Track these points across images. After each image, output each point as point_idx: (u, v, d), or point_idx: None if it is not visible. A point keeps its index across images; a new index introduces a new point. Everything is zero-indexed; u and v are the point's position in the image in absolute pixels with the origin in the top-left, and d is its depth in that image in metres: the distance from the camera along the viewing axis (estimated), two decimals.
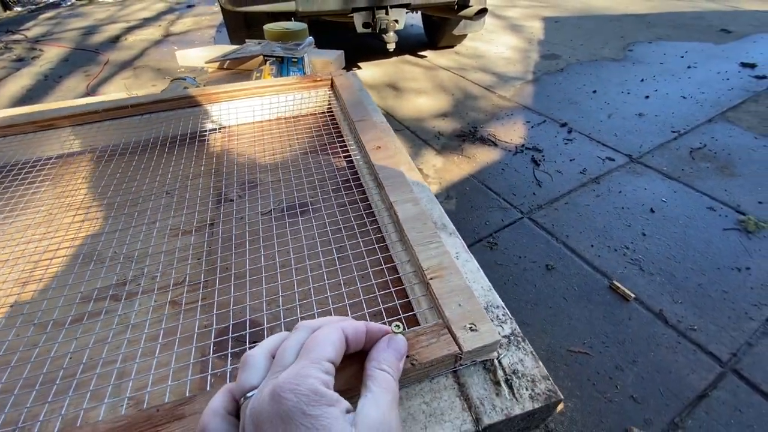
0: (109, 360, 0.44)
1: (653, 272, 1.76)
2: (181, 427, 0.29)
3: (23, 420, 0.39)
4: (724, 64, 3.32)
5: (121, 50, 4.31)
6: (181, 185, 0.70)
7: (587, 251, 1.86)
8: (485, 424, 0.32)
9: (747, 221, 1.95)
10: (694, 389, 1.39)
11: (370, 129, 0.64)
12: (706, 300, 1.64)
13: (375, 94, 3.19)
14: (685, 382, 1.41)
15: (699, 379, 1.42)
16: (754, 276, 1.71)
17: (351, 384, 0.31)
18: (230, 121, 0.81)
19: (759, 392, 1.34)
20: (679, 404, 1.37)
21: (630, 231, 1.96)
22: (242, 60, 1.20)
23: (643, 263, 1.80)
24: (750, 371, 1.41)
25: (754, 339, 1.50)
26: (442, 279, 0.39)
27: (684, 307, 1.61)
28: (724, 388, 1.38)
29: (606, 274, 1.75)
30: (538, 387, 0.34)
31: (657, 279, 1.73)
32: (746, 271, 1.73)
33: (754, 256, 1.79)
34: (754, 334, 1.51)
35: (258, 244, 0.55)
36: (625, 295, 1.66)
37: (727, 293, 1.65)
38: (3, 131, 0.72)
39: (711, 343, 1.50)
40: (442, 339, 0.34)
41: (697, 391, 1.38)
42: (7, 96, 3.57)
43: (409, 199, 0.49)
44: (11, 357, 0.44)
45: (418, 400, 0.34)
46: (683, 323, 1.56)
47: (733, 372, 1.42)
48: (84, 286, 0.53)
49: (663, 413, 1.34)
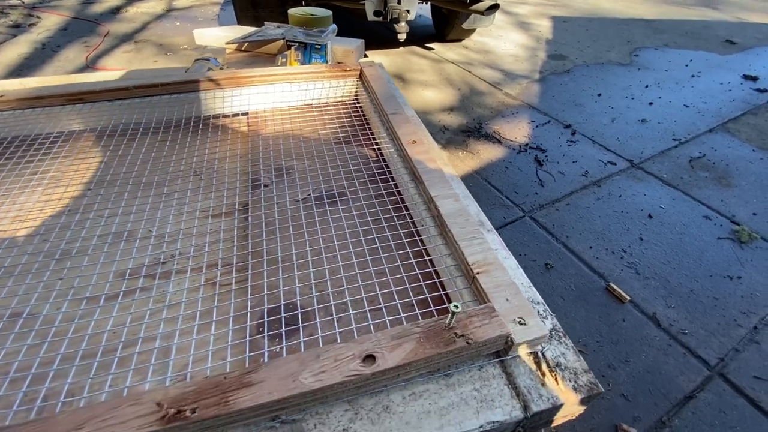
0: (148, 338, 0.45)
1: (649, 276, 1.80)
2: (250, 394, 0.30)
3: (65, 393, 0.40)
4: (728, 75, 3.36)
5: (121, 22, 4.19)
6: (210, 167, 0.70)
7: (586, 252, 1.90)
8: (533, 411, 0.33)
9: (741, 231, 2.00)
10: (682, 390, 1.45)
11: (404, 123, 0.65)
12: (698, 306, 1.69)
13: None
14: (674, 383, 1.46)
15: (687, 381, 1.48)
16: (745, 285, 1.76)
17: (407, 359, 0.32)
18: (259, 105, 0.81)
19: (743, 396, 1.40)
20: (667, 404, 1.42)
21: (628, 235, 2.00)
22: (261, 43, 1.19)
23: (640, 267, 1.84)
24: (736, 376, 1.46)
25: (741, 345, 1.56)
26: (488, 274, 0.40)
27: (676, 312, 1.66)
28: (710, 391, 1.44)
29: (603, 276, 1.79)
30: (581, 379, 0.36)
31: (652, 283, 1.77)
32: (737, 280, 1.79)
33: (746, 266, 1.85)
34: (742, 340, 1.57)
35: (290, 232, 0.56)
36: (621, 297, 1.70)
37: (717, 300, 1.71)
38: (31, 102, 0.70)
39: (700, 348, 1.56)
40: (494, 321, 0.35)
41: (685, 392, 1.44)
42: (3, 63, 3.46)
43: (449, 195, 0.50)
44: (48, 330, 0.45)
45: (469, 387, 0.35)
46: (675, 327, 1.61)
47: (719, 376, 1.47)
48: (117, 264, 0.53)
49: (652, 412, 1.40)
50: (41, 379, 0.40)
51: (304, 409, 0.34)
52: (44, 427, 0.31)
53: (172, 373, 0.41)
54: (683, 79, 3.38)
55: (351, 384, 0.32)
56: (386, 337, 0.34)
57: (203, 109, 0.78)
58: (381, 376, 0.33)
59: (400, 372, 0.33)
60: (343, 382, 0.32)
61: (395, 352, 0.32)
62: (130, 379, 0.41)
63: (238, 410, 0.31)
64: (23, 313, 0.45)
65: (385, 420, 0.34)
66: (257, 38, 1.19)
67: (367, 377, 0.32)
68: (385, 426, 0.33)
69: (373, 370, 0.32)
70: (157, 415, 0.31)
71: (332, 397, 0.34)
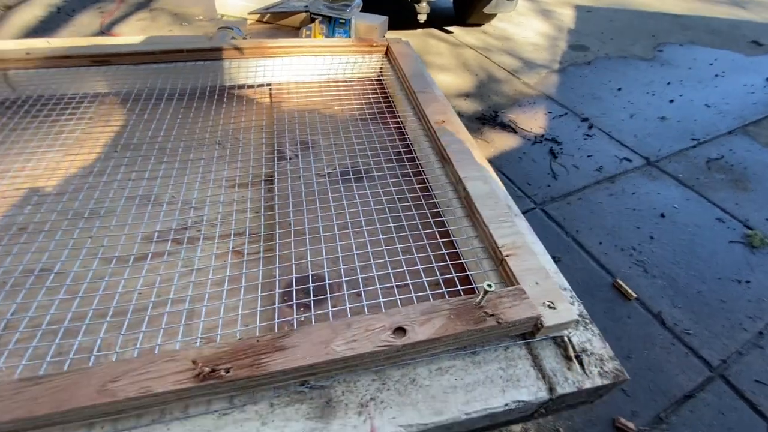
0: (177, 299, 0.45)
1: (656, 275, 1.80)
2: (283, 358, 0.31)
3: (98, 348, 0.40)
4: (752, 77, 3.27)
5: None
6: (233, 137, 0.69)
7: (595, 248, 1.89)
8: (558, 393, 0.34)
9: (753, 236, 1.98)
10: (682, 389, 1.46)
11: (432, 102, 0.64)
12: (704, 307, 1.69)
13: None
14: (674, 382, 1.48)
15: (688, 380, 1.49)
16: (753, 289, 1.75)
17: (436, 334, 0.32)
18: (282, 77, 0.80)
19: (743, 399, 1.41)
20: (666, 401, 1.44)
21: (639, 233, 1.99)
22: (284, 15, 1.17)
23: (648, 265, 1.83)
24: (737, 378, 1.47)
25: (745, 349, 1.56)
26: (517, 257, 0.40)
27: (682, 312, 1.66)
28: (710, 391, 1.45)
29: (611, 272, 1.79)
30: (607, 365, 0.36)
31: (659, 282, 1.77)
32: (746, 284, 1.78)
33: (756, 271, 1.84)
34: (746, 344, 1.57)
35: (316, 205, 0.56)
36: (627, 294, 1.70)
37: (725, 303, 1.70)
38: (57, 62, 0.70)
39: (703, 348, 1.56)
40: (524, 302, 0.35)
41: (685, 391, 1.45)
42: (18, 25, 3.43)
43: (478, 177, 0.50)
44: (79, 287, 0.45)
45: (495, 366, 0.36)
46: (679, 326, 1.61)
47: (720, 377, 1.48)
48: (144, 227, 0.53)
49: (650, 408, 1.41)
50: (73, 333, 0.41)
51: (333, 376, 0.35)
52: (80, 378, 0.32)
53: (202, 334, 0.41)
54: (706, 78, 3.29)
55: (381, 354, 0.33)
56: (416, 312, 0.35)
57: (227, 78, 0.78)
58: (411, 348, 0.33)
59: (429, 346, 0.33)
60: (374, 352, 0.32)
61: (425, 327, 0.33)
62: (161, 338, 0.41)
63: (271, 372, 0.32)
64: (53, 268, 0.46)
65: (412, 392, 0.34)
66: (280, 9, 1.17)
67: (397, 348, 0.32)
68: (412, 398, 0.34)
69: (404, 342, 0.32)
70: (192, 373, 0.32)
71: (361, 366, 0.34)
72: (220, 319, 0.43)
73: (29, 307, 0.42)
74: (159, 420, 0.33)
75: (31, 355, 0.38)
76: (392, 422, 0.32)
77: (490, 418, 0.34)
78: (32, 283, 0.44)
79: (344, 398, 0.34)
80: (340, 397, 0.34)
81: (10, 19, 3.66)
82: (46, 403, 0.29)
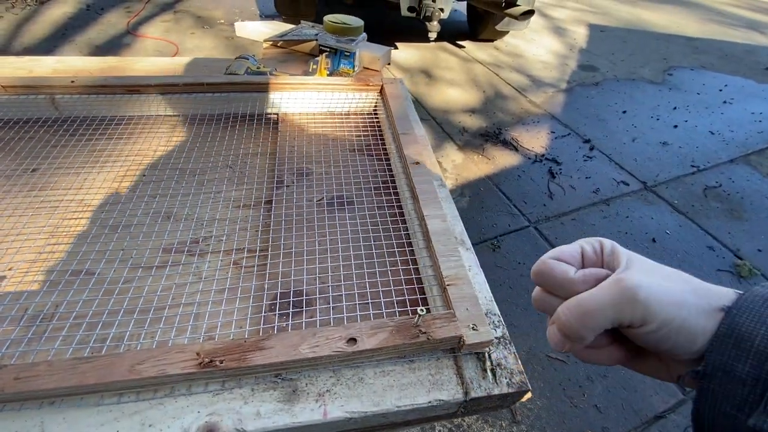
0: (188, 302, 0.57)
1: None
2: (262, 355, 0.43)
3: (127, 338, 0.52)
4: (761, 105, 3.29)
5: None
6: (242, 162, 0.81)
7: None
8: (471, 396, 0.44)
9: (742, 266, 2.03)
10: (654, 409, 1.53)
11: (412, 143, 0.75)
12: None
13: (407, 79, 3.23)
14: (647, 402, 1.55)
15: (660, 401, 1.56)
16: None
17: (380, 345, 0.43)
18: (288, 109, 0.92)
19: None
20: (636, 420, 1.51)
21: None
22: (296, 42, 1.29)
23: None
24: None
25: None
26: (456, 287, 0.51)
27: None
28: (681, 414, 1.52)
29: None
30: (515, 378, 0.46)
31: None
32: None
33: None
34: None
35: (303, 231, 0.67)
36: None
37: None
38: (96, 89, 0.83)
39: None
40: (452, 324, 0.46)
41: (656, 412, 1.52)
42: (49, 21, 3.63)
43: (438, 215, 0.60)
44: (114, 288, 0.58)
45: (426, 372, 0.46)
46: None
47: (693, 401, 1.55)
48: (165, 240, 0.65)
49: (621, 425, 1.49)
50: (108, 325, 0.53)
51: (299, 371, 0.46)
52: (115, 360, 0.44)
53: (204, 333, 0.53)
54: (714, 104, 3.32)
55: (336, 358, 0.44)
56: (367, 326, 0.45)
57: (240, 108, 0.90)
58: (359, 355, 0.44)
59: (374, 354, 0.44)
60: (330, 356, 0.43)
61: (372, 338, 0.44)
62: (174, 333, 0.53)
63: (253, 366, 0.43)
64: (95, 272, 0.59)
65: (359, 387, 0.45)
66: (293, 37, 1.29)
67: (348, 354, 0.43)
68: (358, 392, 0.45)
69: (354, 349, 0.43)
70: (195, 362, 0.43)
71: (321, 365, 0.45)
72: (219, 322, 0.54)
73: (77, 302, 0.54)
74: (170, 395, 0.44)
75: (78, 340, 0.50)
76: (341, 409, 0.43)
77: (418, 412, 0.44)
78: (78, 284, 0.56)
79: (307, 389, 0.45)
80: (303, 388, 0.45)
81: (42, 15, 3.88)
82: (92, 377, 0.41)
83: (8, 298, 0.55)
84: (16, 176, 0.74)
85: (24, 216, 0.67)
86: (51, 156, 0.78)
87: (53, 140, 0.82)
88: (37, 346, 0.49)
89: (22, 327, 0.52)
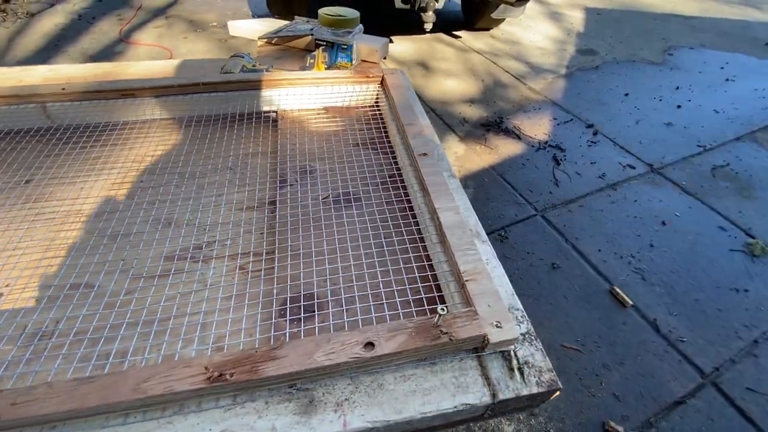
0: (193, 312, 0.54)
1: (654, 283, 1.83)
2: (275, 366, 0.40)
3: (131, 353, 0.50)
4: (763, 81, 3.23)
5: None
6: (242, 162, 0.78)
7: (594, 255, 1.94)
8: (499, 398, 0.42)
9: (754, 245, 1.99)
10: (673, 395, 1.50)
11: (417, 134, 0.72)
12: (700, 315, 1.72)
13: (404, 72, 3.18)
14: (665, 388, 1.52)
15: (679, 386, 1.53)
16: (751, 298, 1.78)
17: (399, 348, 0.40)
18: (287, 105, 0.89)
19: (733, 406, 1.45)
20: (656, 406, 1.48)
21: (638, 240, 2.02)
22: (291, 38, 1.25)
23: (646, 273, 1.87)
24: (729, 386, 1.51)
25: (738, 357, 1.59)
26: (476, 282, 0.48)
27: (678, 319, 1.70)
28: (701, 398, 1.49)
29: (608, 279, 1.83)
30: (544, 376, 0.43)
31: (657, 290, 1.80)
32: (744, 293, 1.80)
33: (755, 280, 1.85)
34: (740, 352, 1.60)
35: (310, 230, 0.64)
36: (624, 301, 1.74)
37: (721, 311, 1.73)
38: (90, 95, 0.80)
39: (697, 356, 1.60)
40: (474, 323, 0.43)
41: (675, 397, 1.49)
42: (41, 33, 3.60)
43: (451, 208, 0.57)
44: (115, 300, 0.55)
45: (449, 375, 0.43)
46: (674, 334, 1.65)
47: (712, 384, 1.52)
48: (167, 247, 0.63)
49: (640, 412, 1.46)
50: (111, 340, 0.50)
51: (315, 380, 0.43)
52: (119, 379, 0.41)
53: (213, 343, 0.50)
54: (716, 82, 3.26)
55: (353, 364, 0.41)
56: (384, 329, 0.43)
57: (237, 107, 0.87)
58: (378, 360, 0.41)
59: (393, 358, 0.41)
60: (347, 362, 0.41)
61: (390, 342, 0.41)
62: (180, 345, 0.51)
63: (265, 377, 0.41)
64: (95, 285, 0.56)
65: (379, 395, 0.42)
66: (287, 33, 1.26)
67: (366, 360, 0.41)
68: (378, 399, 0.42)
69: (372, 354, 0.40)
70: (204, 376, 0.40)
71: (338, 373, 0.42)
72: (228, 331, 0.52)
73: (77, 317, 0.51)
74: (179, 412, 0.42)
75: (80, 358, 0.47)
76: (361, 418, 0.40)
77: (443, 417, 0.42)
78: (78, 298, 0.54)
79: (324, 398, 0.42)
80: (320, 398, 0.42)
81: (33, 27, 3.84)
82: (94, 398, 0.38)
83: (5, 316, 0.53)
84: (9, 189, 0.72)
85: (19, 230, 0.65)
86: (45, 166, 0.76)
87: (46, 150, 0.79)
88: (36, 366, 0.47)
89: (20, 346, 0.49)
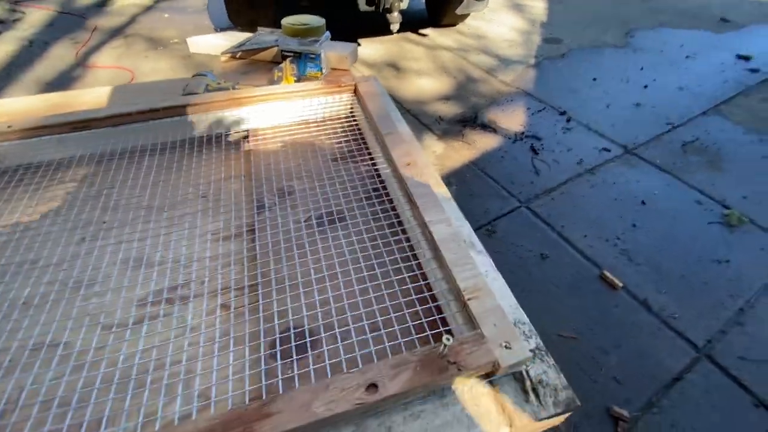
0: (174, 361, 0.49)
1: (641, 262, 1.86)
2: (269, 425, 0.36)
3: (106, 422, 0.45)
4: (721, 54, 3.35)
5: (109, 16, 4.11)
6: (215, 188, 0.73)
7: (580, 241, 1.95)
8: (517, 425, 0.39)
9: (730, 215, 2.05)
10: (671, 372, 1.52)
11: (399, 143, 0.68)
12: (687, 290, 1.75)
13: (375, 75, 3.15)
14: (663, 366, 1.54)
15: (675, 362, 1.55)
16: (733, 268, 1.82)
17: (405, 387, 0.37)
18: (258, 123, 0.84)
19: (728, 375, 1.48)
20: (656, 384, 1.50)
21: (621, 222, 2.05)
22: (255, 51, 1.20)
23: (632, 254, 1.90)
24: (721, 356, 1.54)
25: (726, 327, 1.63)
26: (478, 300, 0.45)
27: (667, 296, 1.73)
28: (697, 372, 1.51)
29: (597, 264, 1.84)
30: (560, 395, 0.41)
31: (644, 269, 1.83)
32: (725, 264, 1.85)
33: (734, 249, 1.91)
34: (728, 322, 1.64)
35: (295, 258, 0.60)
36: (614, 284, 1.76)
37: (707, 284, 1.77)
38: (38, 131, 0.73)
39: (689, 330, 1.63)
40: (482, 348, 0.40)
41: (673, 374, 1.51)
42: None
43: (442, 220, 0.54)
44: (86, 356, 0.49)
45: (461, 406, 0.40)
46: (665, 311, 1.68)
47: (706, 357, 1.55)
48: (139, 290, 0.57)
49: (641, 393, 1.47)
50: (84, 401, 0.45)
51: None
52: None
53: (198, 397, 0.46)
54: (678, 60, 3.37)
55: (356, 411, 0.37)
56: (386, 366, 0.39)
57: (204, 130, 0.81)
58: (382, 403, 0.38)
59: (399, 398, 0.38)
60: (350, 411, 0.37)
61: (395, 381, 0.37)
62: (162, 402, 0.46)
63: None
64: (60, 342, 0.50)
65: None
66: (251, 46, 1.21)
67: (370, 405, 0.37)
68: None
69: (376, 398, 0.37)
70: None
71: (342, 422, 0.39)
72: (214, 382, 0.47)
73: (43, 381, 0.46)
74: None
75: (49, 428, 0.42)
76: None
77: None
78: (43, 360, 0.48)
79: None
80: None
81: None
82: None
83: None
84: None
85: None
86: None
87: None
88: None
89: None
